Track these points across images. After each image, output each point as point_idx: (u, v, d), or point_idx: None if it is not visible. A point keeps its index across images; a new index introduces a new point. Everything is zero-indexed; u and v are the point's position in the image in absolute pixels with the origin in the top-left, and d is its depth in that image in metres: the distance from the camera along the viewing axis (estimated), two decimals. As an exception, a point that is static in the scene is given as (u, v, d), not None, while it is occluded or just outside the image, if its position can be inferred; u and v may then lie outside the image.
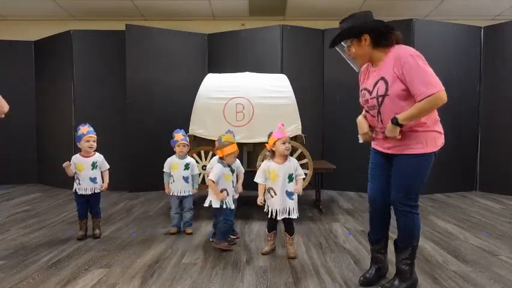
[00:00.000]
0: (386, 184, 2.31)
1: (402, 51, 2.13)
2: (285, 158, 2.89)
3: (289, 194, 2.87)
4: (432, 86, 2.01)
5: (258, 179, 2.93)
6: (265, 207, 2.93)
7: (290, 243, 2.93)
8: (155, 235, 3.49)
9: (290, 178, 2.87)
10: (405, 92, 2.09)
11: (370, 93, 2.25)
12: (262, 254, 2.97)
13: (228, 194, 3.08)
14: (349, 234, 3.55)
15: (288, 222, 2.92)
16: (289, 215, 2.86)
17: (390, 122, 2.12)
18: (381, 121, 2.22)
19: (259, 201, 2.90)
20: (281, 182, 2.85)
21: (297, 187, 2.89)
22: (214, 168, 3.10)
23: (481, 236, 3.46)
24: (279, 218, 2.86)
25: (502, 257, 2.94)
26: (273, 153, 2.91)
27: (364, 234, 3.53)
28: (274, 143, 2.86)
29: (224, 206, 3.06)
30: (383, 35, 2.18)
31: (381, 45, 2.19)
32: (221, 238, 3.08)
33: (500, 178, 5.49)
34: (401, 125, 2.09)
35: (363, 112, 2.39)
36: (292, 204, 2.88)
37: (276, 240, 3.09)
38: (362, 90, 2.35)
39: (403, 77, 2.08)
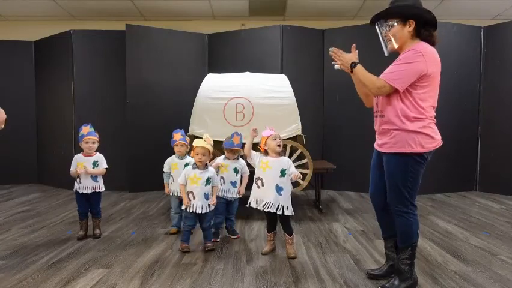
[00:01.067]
0: (382, 183, 2.35)
1: (418, 46, 2.15)
2: (278, 155, 2.90)
3: (279, 189, 2.84)
4: (388, 75, 2.13)
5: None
6: (248, 201, 2.93)
7: (290, 243, 2.93)
8: (155, 235, 3.49)
9: (283, 173, 2.85)
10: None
11: None
12: (263, 254, 2.97)
13: (194, 197, 2.95)
14: (349, 234, 3.55)
15: (286, 223, 2.92)
16: (278, 210, 2.82)
17: (352, 62, 2.26)
18: (377, 104, 2.31)
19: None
20: (272, 174, 2.83)
21: (295, 174, 2.84)
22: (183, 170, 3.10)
23: (481, 236, 3.46)
24: (266, 210, 2.83)
25: (502, 257, 2.94)
26: (266, 154, 2.92)
27: (364, 234, 3.54)
28: (265, 142, 2.88)
29: (187, 210, 2.97)
30: (426, 27, 2.19)
31: (421, 36, 2.20)
32: (181, 239, 3.07)
33: (500, 178, 5.49)
34: (351, 69, 2.26)
35: None
36: (282, 200, 2.83)
37: (276, 240, 3.09)
38: None
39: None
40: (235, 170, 3.36)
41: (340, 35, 5.68)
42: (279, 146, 2.86)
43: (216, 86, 4.27)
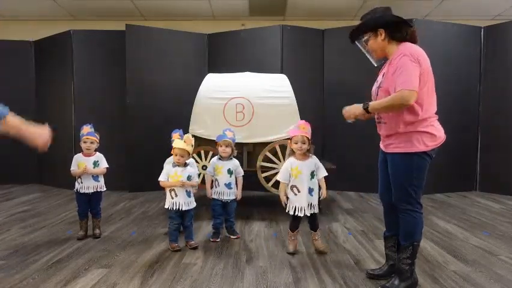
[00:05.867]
0: (389, 181, 2.36)
1: (402, 49, 2.19)
2: (304, 156, 2.91)
3: (311, 191, 2.92)
4: (404, 84, 2.08)
5: (280, 177, 2.96)
6: (287, 206, 2.94)
7: (316, 238, 3.01)
8: (155, 235, 3.49)
9: (312, 175, 2.92)
10: (393, 90, 2.18)
11: (375, 84, 2.36)
12: (289, 253, 2.96)
13: (176, 195, 3.00)
14: (349, 234, 3.55)
15: (313, 219, 3.00)
16: (311, 209, 2.91)
17: (362, 106, 2.27)
18: (378, 112, 2.33)
19: (283, 201, 2.95)
20: (305, 179, 2.88)
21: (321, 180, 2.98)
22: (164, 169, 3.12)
23: (481, 236, 3.46)
24: (307, 214, 2.90)
25: (502, 257, 2.94)
26: (292, 151, 2.95)
27: (364, 234, 3.54)
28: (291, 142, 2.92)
29: (171, 207, 3.02)
30: (397, 28, 2.24)
31: (396, 38, 2.26)
32: (169, 240, 3.10)
33: (500, 178, 5.49)
34: (368, 111, 2.25)
35: None
36: (314, 200, 2.94)
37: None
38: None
39: (392, 74, 2.17)
40: (229, 171, 3.35)
41: (340, 35, 5.67)
42: (300, 149, 2.87)
43: (216, 86, 4.27)
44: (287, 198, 2.94)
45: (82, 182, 3.33)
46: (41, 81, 6.28)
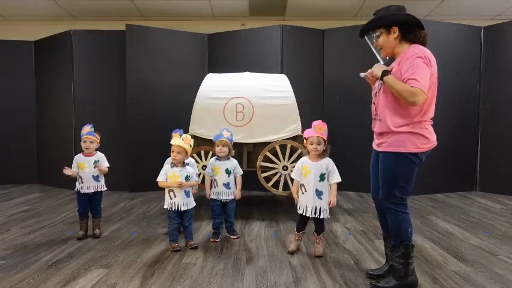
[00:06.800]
0: None
1: (415, 50, 2.16)
2: (318, 157, 2.90)
3: (319, 193, 2.87)
4: (418, 82, 2.05)
5: (292, 174, 3.00)
6: (298, 206, 2.95)
7: (318, 241, 2.96)
8: (155, 235, 3.49)
9: (322, 177, 2.87)
10: None
11: (378, 81, 2.34)
12: (289, 253, 2.97)
13: (175, 196, 3.00)
14: (349, 234, 3.55)
15: (320, 223, 2.95)
16: (319, 214, 2.86)
17: (382, 71, 2.20)
18: (376, 109, 2.34)
19: (295, 199, 2.98)
20: (312, 180, 2.85)
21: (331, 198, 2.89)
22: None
23: (481, 236, 3.46)
24: (309, 215, 2.88)
25: (502, 257, 2.94)
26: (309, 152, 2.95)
27: (364, 234, 3.54)
28: (306, 142, 2.92)
29: (170, 207, 3.02)
30: (411, 29, 2.22)
31: (408, 39, 2.24)
32: (169, 240, 3.10)
33: (500, 178, 5.49)
34: (382, 79, 2.18)
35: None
36: (323, 203, 2.88)
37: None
38: None
39: (401, 73, 2.15)
40: (227, 171, 3.35)
41: (340, 35, 5.68)
42: (316, 150, 2.86)
43: (216, 86, 4.27)
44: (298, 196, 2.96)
45: (82, 182, 3.34)
46: (41, 81, 6.28)
